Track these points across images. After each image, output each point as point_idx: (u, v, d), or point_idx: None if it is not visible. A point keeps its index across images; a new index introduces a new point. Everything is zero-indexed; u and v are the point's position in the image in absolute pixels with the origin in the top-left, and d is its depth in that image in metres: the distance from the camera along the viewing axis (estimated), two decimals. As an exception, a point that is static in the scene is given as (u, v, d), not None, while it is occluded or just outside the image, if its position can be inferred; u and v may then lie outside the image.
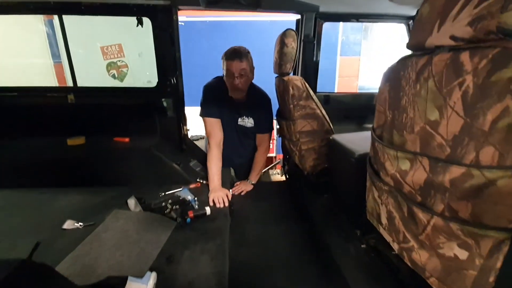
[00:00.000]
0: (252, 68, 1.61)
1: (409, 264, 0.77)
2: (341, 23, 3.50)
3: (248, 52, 1.57)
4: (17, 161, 1.67)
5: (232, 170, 1.98)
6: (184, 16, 3.20)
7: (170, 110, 1.86)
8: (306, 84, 1.43)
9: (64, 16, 1.79)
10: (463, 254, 0.58)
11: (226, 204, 1.49)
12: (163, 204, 1.40)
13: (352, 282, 1.13)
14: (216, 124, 1.73)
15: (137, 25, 1.77)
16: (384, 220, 0.86)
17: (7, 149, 1.69)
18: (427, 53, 0.67)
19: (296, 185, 1.67)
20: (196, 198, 1.51)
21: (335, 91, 3.78)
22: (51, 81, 3.52)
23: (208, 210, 1.38)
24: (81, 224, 1.24)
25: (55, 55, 3.53)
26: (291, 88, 1.40)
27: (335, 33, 3.60)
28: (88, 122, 1.90)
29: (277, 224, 1.56)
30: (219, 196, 1.52)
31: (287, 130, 1.58)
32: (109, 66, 3.41)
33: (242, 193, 1.86)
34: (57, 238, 1.14)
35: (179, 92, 1.82)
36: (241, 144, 1.94)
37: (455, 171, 0.56)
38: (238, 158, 1.98)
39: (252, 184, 1.93)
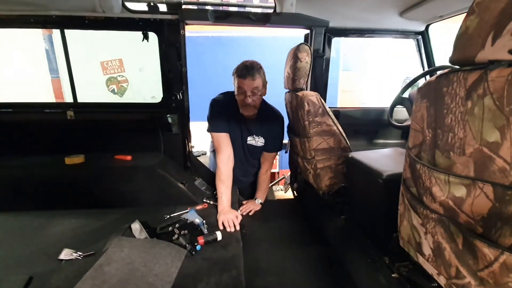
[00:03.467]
0: (265, 83, 1.53)
1: (462, 303, 0.67)
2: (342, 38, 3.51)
3: (261, 67, 1.49)
4: (11, 181, 1.55)
5: (237, 190, 1.88)
6: (187, 32, 3.17)
7: (175, 126, 1.77)
8: (322, 99, 1.37)
9: (66, 31, 1.73)
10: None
11: (237, 228, 1.39)
12: (170, 228, 1.29)
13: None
14: (225, 138, 1.63)
15: (143, 40, 1.71)
16: (427, 251, 0.77)
17: (0, 168, 1.57)
18: (478, 68, 0.61)
19: (309, 204, 1.58)
20: (204, 221, 1.40)
21: (337, 105, 3.76)
22: (48, 96, 3.43)
23: (219, 235, 1.27)
24: (80, 254, 1.12)
25: (53, 70, 3.46)
26: (306, 104, 1.33)
27: (337, 48, 3.61)
28: (88, 139, 1.80)
29: (291, 248, 1.45)
30: (229, 219, 1.41)
31: (301, 147, 1.50)
32: (109, 81, 3.34)
33: (251, 213, 1.75)
34: (52, 272, 1.02)
35: (184, 107, 1.75)
36: (247, 162, 1.84)
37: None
38: (244, 177, 1.89)
39: (261, 203, 1.83)
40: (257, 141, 1.74)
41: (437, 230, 0.71)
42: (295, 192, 2.13)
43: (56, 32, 3.08)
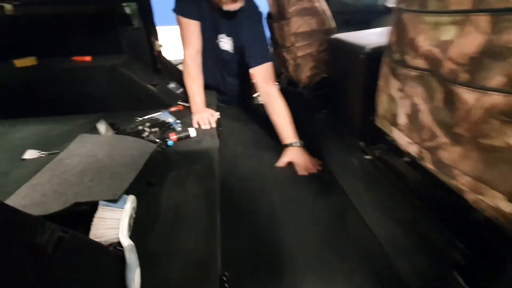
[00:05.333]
0: None
1: (430, 166, 0.65)
2: None
3: None
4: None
5: (214, 92, 1.69)
6: None
7: (136, 18, 1.52)
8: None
9: None
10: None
11: (213, 125, 1.32)
12: (140, 127, 1.22)
13: (353, 192, 1.06)
14: (194, 27, 1.32)
15: None
16: (402, 120, 0.71)
17: None
18: None
19: (290, 102, 1.49)
20: (178, 121, 1.33)
21: None
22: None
23: (192, 131, 1.22)
24: (45, 153, 1.07)
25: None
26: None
27: None
28: (38, 40, 1.55)
29: (270, 147, 1.42)
30: (204, 117, 1.33)
31: (279, 34, 1.31)
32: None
33: (308, 172, 1.21)
34: (14, 169, 0.98)
35: None
36: (220, 69, 1.60)
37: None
38: (220, 85, 1.67)
39: (301, 146, 1.27)
40: (225, 42, 1.45)
41: (416, 91, 0.62)
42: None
43: None
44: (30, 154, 1.07)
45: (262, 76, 1.33)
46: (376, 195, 0.93)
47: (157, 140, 1.12)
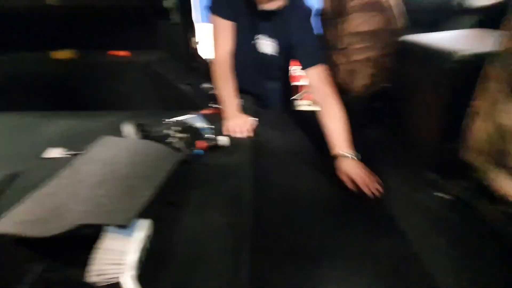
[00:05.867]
0: None
1: None
2: None
3: None
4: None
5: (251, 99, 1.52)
6: None
7: (174, 13, 1.41)
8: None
9: None
10: None
11: (249, 133, 1.16)
12: (166, 131, 1.11)
13: (418, 237, 0.83)
14: (228, 27, 1.23)
15: None
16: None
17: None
18: None
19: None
20: (210, 127, 1.19)
21: None
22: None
23: (225, 140, 1.07)
24: (67, 153, 1.00)
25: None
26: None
27: None
28: (77, 32, 1.52)
29: (311, 163, 1.23)
30: (237, 124, 1.18)
31: (333, 33, 1.11)
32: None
33: (370, 188, 0.98)
34: (34, 169, 0.90)
35: None
36: (258, 74, 1.42)
37: None
38: (256, 91, 1.49)
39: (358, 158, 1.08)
40: (267, 45, 1.29)
41: None
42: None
43: None
44: (51, 152, 1.00)
45: (319, 78, 1.17)
46: (453, 248, 0.71)
47: (184, 148, 1.00)
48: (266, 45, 1.28)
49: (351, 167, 1.02)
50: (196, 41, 1.56)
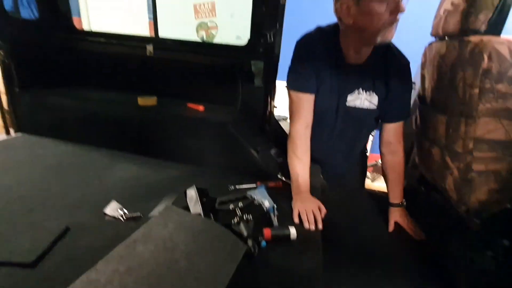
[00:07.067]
0: None
1: None
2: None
3: None
4: (86, 114, 1.50)
5: (319, 169, 1.35)
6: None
7: (259, 76, 1.40)
8: (520, 52, 0.75)
9: None
10: None
11: (319, 224, 0.99)
12: (232, 206, 0.99)
13: None
14: (307, 100, 1.14)
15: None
16: None
17: (77, 99, 1.53)
18: None
19: (429, 218, 1.05)
20: (275, 207, 1.05)
21: None
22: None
23: (293, 232, 0.91)
24: (125, 213, 0.93)
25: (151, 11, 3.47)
26: (486, 57, 0.75)
27: None
28: (162, 80, 1.61)
29: (391, 277, 0.97)
30: (308, 209, 1.02)
31: (446, 130, 0.93)
32: (199, 27, 3.16)
33: (409, 231, 1.16)
34: (91, 226, 0.85)
35: (274, 54, 1.34)
36: (341, 138, 1.27)
37: None
38: (330, 158, 1.34)
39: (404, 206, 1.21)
40: (363, 99, 1.15)
41: None
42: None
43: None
44: (112, 209, 0.94)
45: (394, 133, 1.19)
46: None
47: (249, 236, 0.85)
48: (362, 99, 1.16)
49: (399, 216, 1.20)
50: (274, 105, 1.52)
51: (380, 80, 1.12)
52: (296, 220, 1.01)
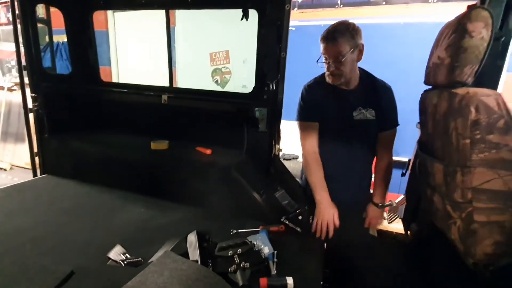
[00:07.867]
0: (354, 47, 1.26)
1: None
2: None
3: (349, 29, 1.25)
4: (102, 158, 1.62)
5: None
6: (297, 20, 2.86)
7: (263, 122, 1.47)
8: (506, 104, 0.77)
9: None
10: None
11: (330, 234, 1.26)
12: (230, 253, 1.00)
13: None
14: (313, 128, 1.43)
15: (242, 19, 1.48)
16: None
17: (96, 143, 1.67)
18: None
19: (439, 268, 0.99)
20: (275, 253, 1.04)
21: None
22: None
23: (290, 283, 0.89)
24: (126, 257, 0.97)
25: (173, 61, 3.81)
26: (473, 109, 0.77)
27: None
28: (173, 125, 1.74)
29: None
30: (325, 220, 1.27)
31: (444, 179, 0.92)
32: (214, 72, 3.41)
33: (371, 226, 1.47)
34: (93, 272, 0.89)
35: (277, 101, 1.42)
36: (354, 151, 1.43)
37: None
38: (347, 175, 1.45)
39: (382, 206, 1.45)
40: (365, 113, 1.40)
41: None
42: (408, 230, 1.50)
43: (178, 25, 3.30)
44: (116, 253, 0.98)
45: (388, 141, 1.44)
46: None
47: (244, 284, 0.85)
48: (364, 113, 1.40)
49: (374, 214, 1.44)
50: (279, 147, 1.56)
51: (372, 98, 1.40)
52: (315, 228, 1.28)
